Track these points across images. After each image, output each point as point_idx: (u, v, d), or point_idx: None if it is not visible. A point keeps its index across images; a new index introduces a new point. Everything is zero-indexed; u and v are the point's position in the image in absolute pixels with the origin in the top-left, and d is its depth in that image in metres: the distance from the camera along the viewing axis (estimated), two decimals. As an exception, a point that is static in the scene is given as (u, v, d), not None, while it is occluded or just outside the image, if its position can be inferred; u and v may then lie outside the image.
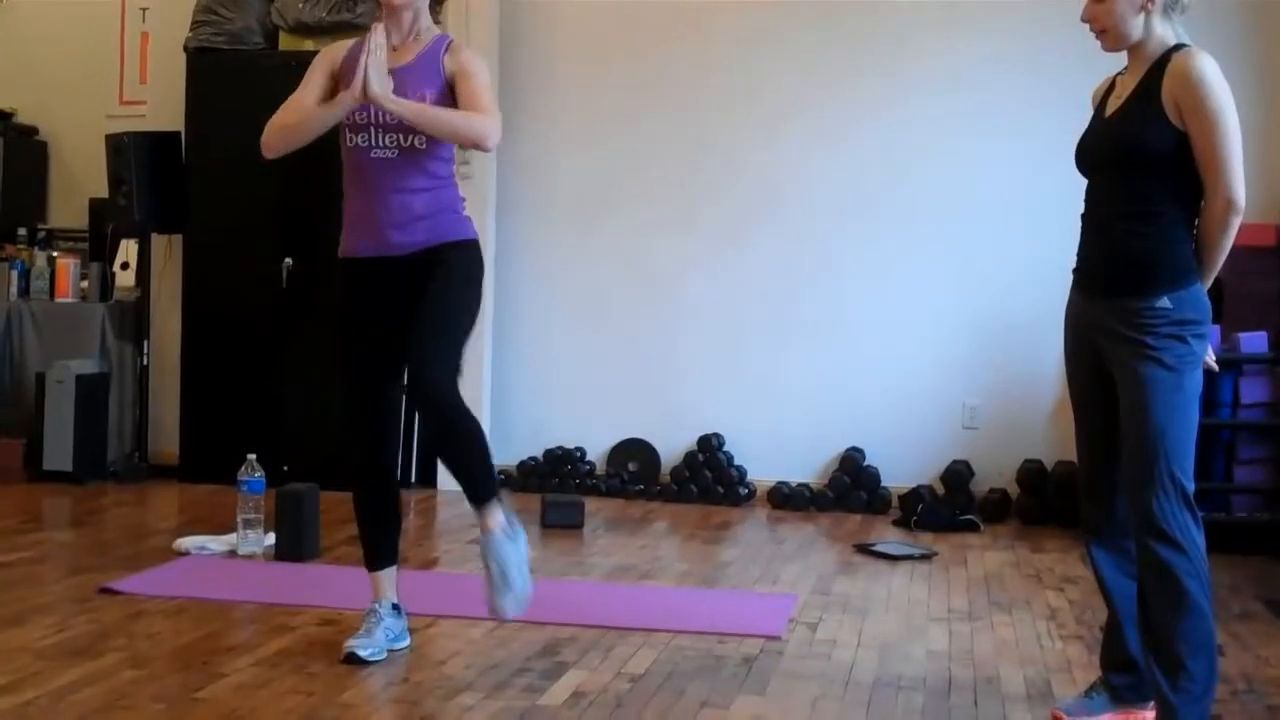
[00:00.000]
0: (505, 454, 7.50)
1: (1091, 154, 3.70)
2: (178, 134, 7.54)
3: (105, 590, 4.81)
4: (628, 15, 7.57)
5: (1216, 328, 6.42)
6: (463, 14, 7.39)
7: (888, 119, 7.28)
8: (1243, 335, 6.32)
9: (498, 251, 7.50)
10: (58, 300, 7.73)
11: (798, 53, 7.35)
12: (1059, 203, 7.09)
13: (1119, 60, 3.74)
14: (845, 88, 7.32)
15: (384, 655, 4.06)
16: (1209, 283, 3.58)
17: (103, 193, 7.62)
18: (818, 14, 7.35)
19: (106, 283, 7.80)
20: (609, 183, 7.56)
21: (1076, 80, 7.00)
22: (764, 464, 6.52)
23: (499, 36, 7.49)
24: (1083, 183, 3.81)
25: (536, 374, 7.56)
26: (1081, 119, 3.87)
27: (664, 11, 7.48)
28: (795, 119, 7.25)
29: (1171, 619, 3.38)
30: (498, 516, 3.93)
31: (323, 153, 7.45)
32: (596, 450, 7.48)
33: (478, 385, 7.39)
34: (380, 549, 4.27)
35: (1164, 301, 3.46)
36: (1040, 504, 6.88)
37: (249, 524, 5.55)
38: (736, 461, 7.18)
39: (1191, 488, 3.42)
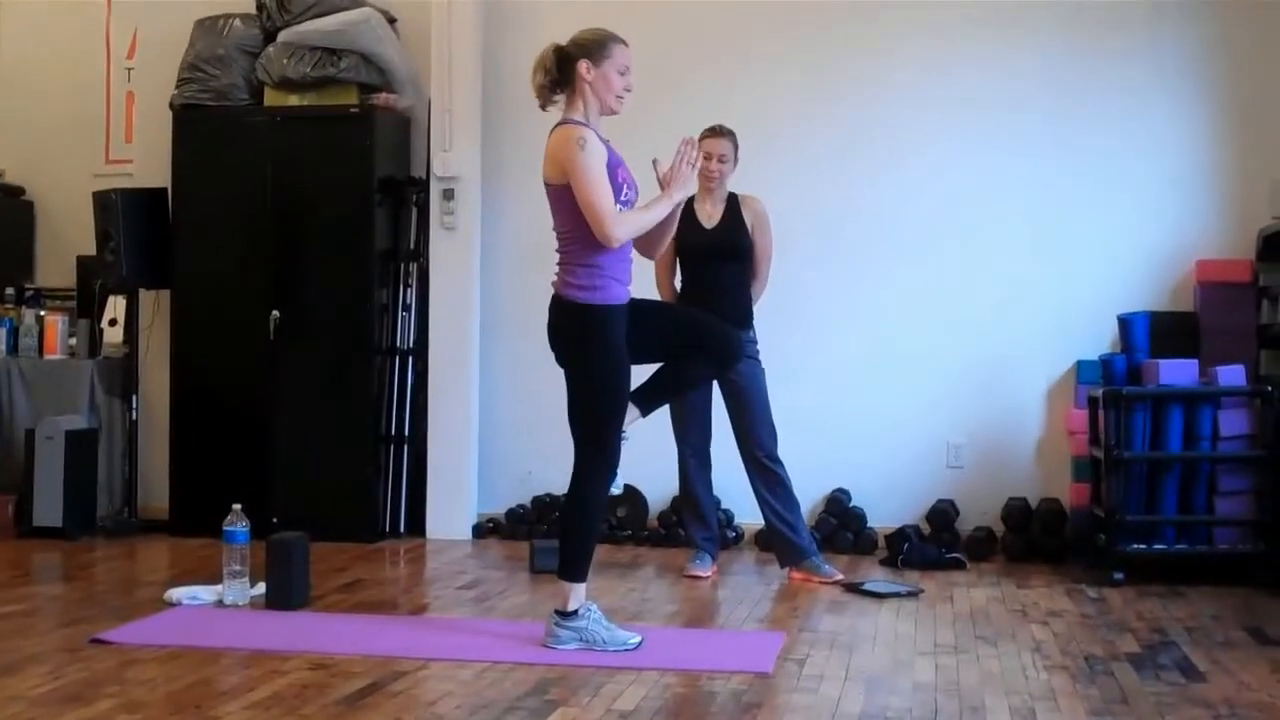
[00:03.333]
0: (493, 502, 7.56)
1: None
2: (164, 190, 7.61)
3: (97, 640, 4.83)
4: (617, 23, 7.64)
5: (1194, 361, 6.51)
6: (445, 19, 7.49)
7: (871, 169, 7.36)
8: (1220, 369, 6.39)
9: (484, 298, 7.57)
10: (46, 357, 7.78)
11: (791, 97, 7.44)
12: (1040, 242, 7.23)
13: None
14: (835, 137, 7.40)
15: None
16: None
17: (90, 251, 7.69)
18: (816, 54, 7.44)
19: (95, 339, 7.86)
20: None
21: (1064, 120, 7.18)
22: (751, 507, 6.55)
23: (482, 47, 7.60)
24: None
25: (523, 423, 7.58)
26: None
27: (653, 25, 7.52)
28: (783, 164, 7.30)
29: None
30: None
31: (306, 206, 7.58)
32: (584, 497, 7.50)
33: (466, 433, 7.45)
34: None
35: None
36: (1025, 541, 6.93)
37: (234, 575, 5.57)
38: (724, 505, 7.21)
39: None
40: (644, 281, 6.83)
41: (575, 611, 4.81)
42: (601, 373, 4.82)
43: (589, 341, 4.81)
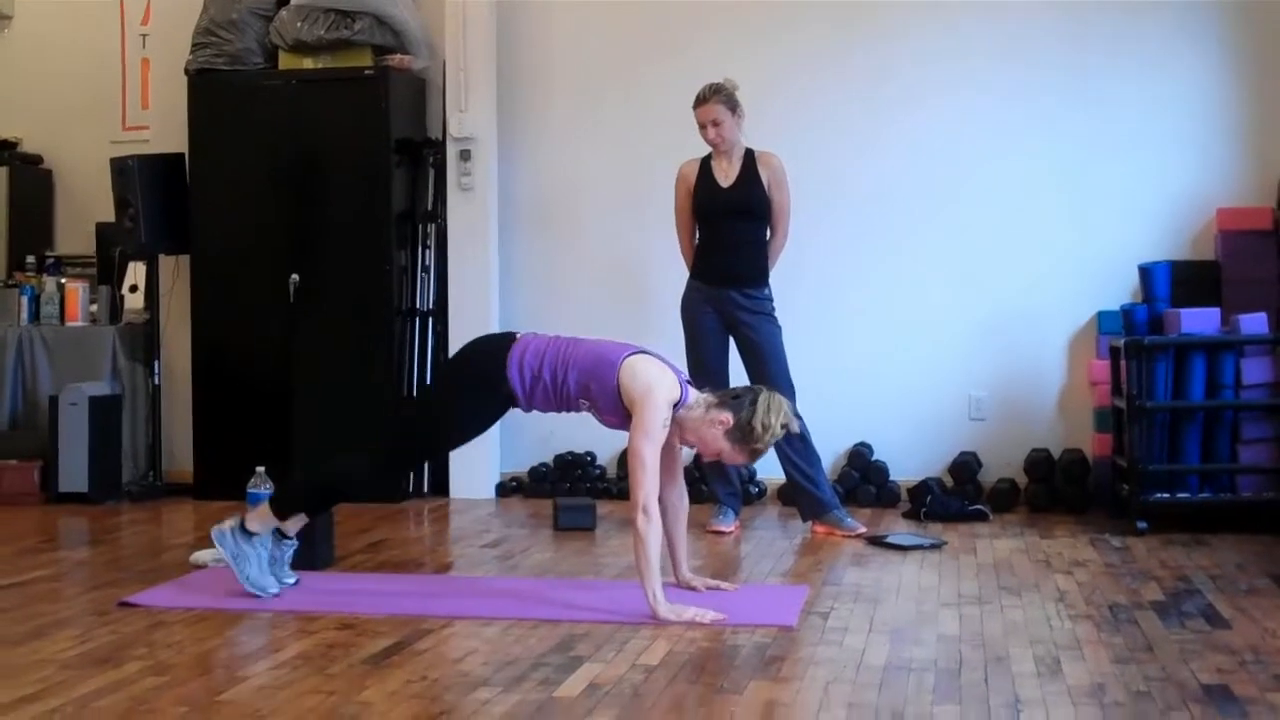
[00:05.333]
0: (517, 460, 7.58)
1: None
2: (181, 155, 7.62)
3: (124, 604, 4.86)
4: (626, 15, 7.65)
5: (1216, 310, 6.49)
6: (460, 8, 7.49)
7: (888, 115, 7.34)
8: (1243, 317, 6.36)
9: (501, 258, 7.57)
10: (68, 325, 7.81)
11: (803, 49, 7.42)
12: (1060, 193, 7.20)
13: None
14: (848, 90, 7.38)
15: None
16: None
17: (109, 218, 7.71)
18: (827, 9, 7.41)
19: (116, 306, 7.89)
20: (609, 188, 7.62)
21: (1081, 71, 7.14)
22: (773, 462, 6.55)
23: (496, 6, 7.59)
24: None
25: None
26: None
27: (668, 7, 7.55)
28: (797, 117, 7.30)
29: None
30: None
31: (323, 169, 7.59)
32: (607, 454, 7.53)
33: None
34: None
35: None
36: (1048, 491, 6.93)
37: (260, 536, 5.60)
38: (746, 461, 7.23)
39: None
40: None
41: (253, 534, 4.88)
42: (449, 402, 4.92)
43: (471, 386, 4.87)
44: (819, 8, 7.42)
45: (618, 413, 4.73)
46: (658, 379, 4.68)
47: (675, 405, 4.70)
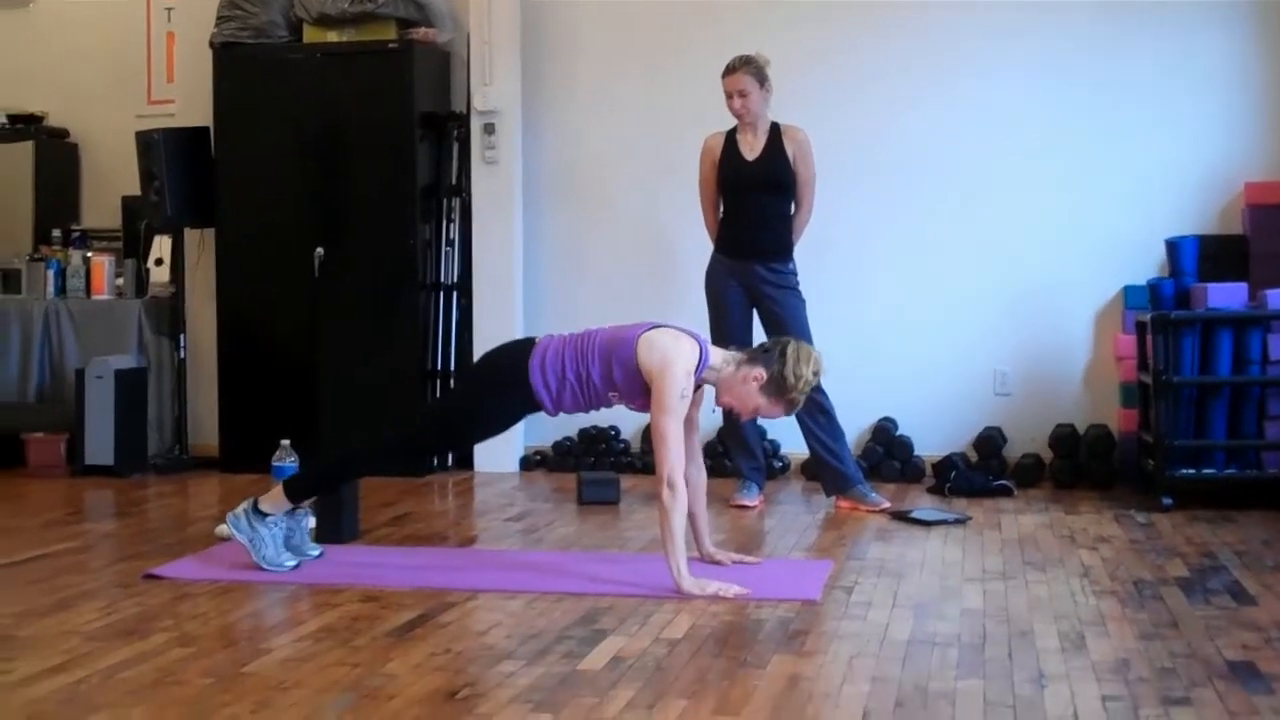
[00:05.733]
0: (541, 434, 7.57)
1: None
2: (206, 129, 7.63)
3: (150, 576, 4.89)
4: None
5: (1243, 285, 6.45)
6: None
7: (913, 94, 7.30)
8: (1270, 292, 6.31)
9: (526, 232, 7.58)
10: (94, 298, 7.84)
11: (835, 22, 7.39)
12: (1086, 167, 7.16)
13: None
14: (875, 62, 7.34)
15: None
16: None
17: (134, 192, 7.72)
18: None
19: (141, 279, 7.90)
20: (633, 161, 7.61)
21: (1107, 46, 7.09)
22: (796, 437, 6.54)
23: (520, 8, 7.59)
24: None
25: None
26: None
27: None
28: (823, 95, 7.26)
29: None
30: None
31: (347, 142, 7.59)
32: (630, 429, 7.54)
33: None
34: None
35: None
36: (1073, 467, 6.91)
37: (284, 510, 5.62)
38: (769, 436, 7.22)
39: None
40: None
41: (266, 515, 4.92)
42: (477, 404, 4.93)
43: (496, 383, 4.89)
44: (851, 9, 7.39)
45: (644, 393, 4.73)
46: (674, 350, 4.67)
47: (697, 370, 4.69)
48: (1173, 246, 6.69)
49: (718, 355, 4.80)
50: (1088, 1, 7.13)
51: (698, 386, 4.78)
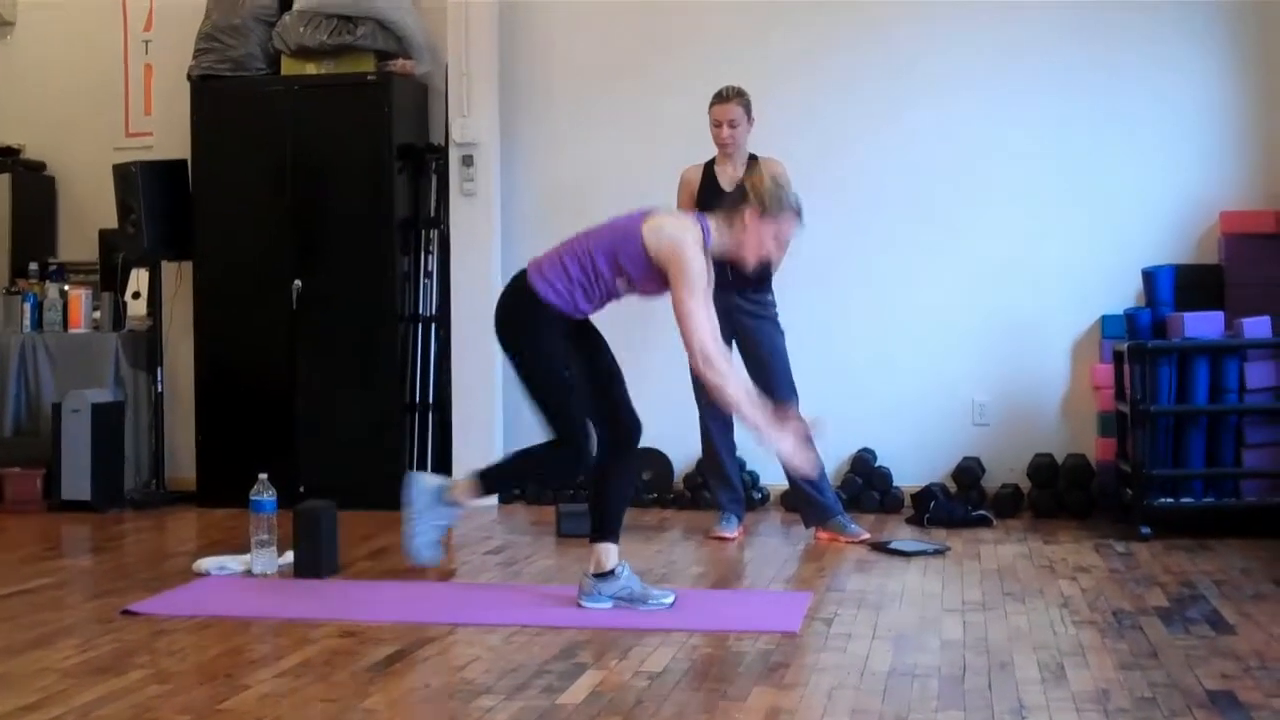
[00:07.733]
0: (519, 467, 7.54)
1: None
2: (184, 161, 7.62)
3: (127, 612, 4.86)
4: (628, 20, 7.65)
5: (1220, 314, 6.48)
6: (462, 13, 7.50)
7: (890, 118, 7.33)
8: (1246, 321, 6.35)
9: (504, 263, 7.57)
10: (71, 331, 7.81)
11: (803, 51, 7.41)
12: (1063, 196, 7.18)
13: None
14: (851, 89, 7.37)
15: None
16: None
17: (112, 224, 7.72)
18: (826, 11, 7.41)
19: (118, 312, 7.88)
20: (612, 193, 7.58)
21: (1085, 73, 7.13)
22: (776, 469, 6.54)
23: (499, 11, 7.60)
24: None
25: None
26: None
27: (669, 11, 7.56)
28: (797, 120, 7.28)
29: None
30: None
31: (326, 174, 7.59)
32: (609, 461, 7.51)
33: (490, 399, 7.45)
34: None
35: None
36: (1052, 497, 6.91)
37: (261, 544, 5.58)
38: (749, 468, 7.21)
39: None
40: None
41: (611, 571, 4.84)
42: (539, 367, 4.87)
43: (526, 334, 4.86)
44: (817, 9, 7.41)
45: (654, 278, 4.74)
46: (680, 229, 4.71)
47: (704, 244, 4.73)
48: (1149, 276, 6.71)
49: (712, 223, 4.82)
50: (1064, 34, 7.16)
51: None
